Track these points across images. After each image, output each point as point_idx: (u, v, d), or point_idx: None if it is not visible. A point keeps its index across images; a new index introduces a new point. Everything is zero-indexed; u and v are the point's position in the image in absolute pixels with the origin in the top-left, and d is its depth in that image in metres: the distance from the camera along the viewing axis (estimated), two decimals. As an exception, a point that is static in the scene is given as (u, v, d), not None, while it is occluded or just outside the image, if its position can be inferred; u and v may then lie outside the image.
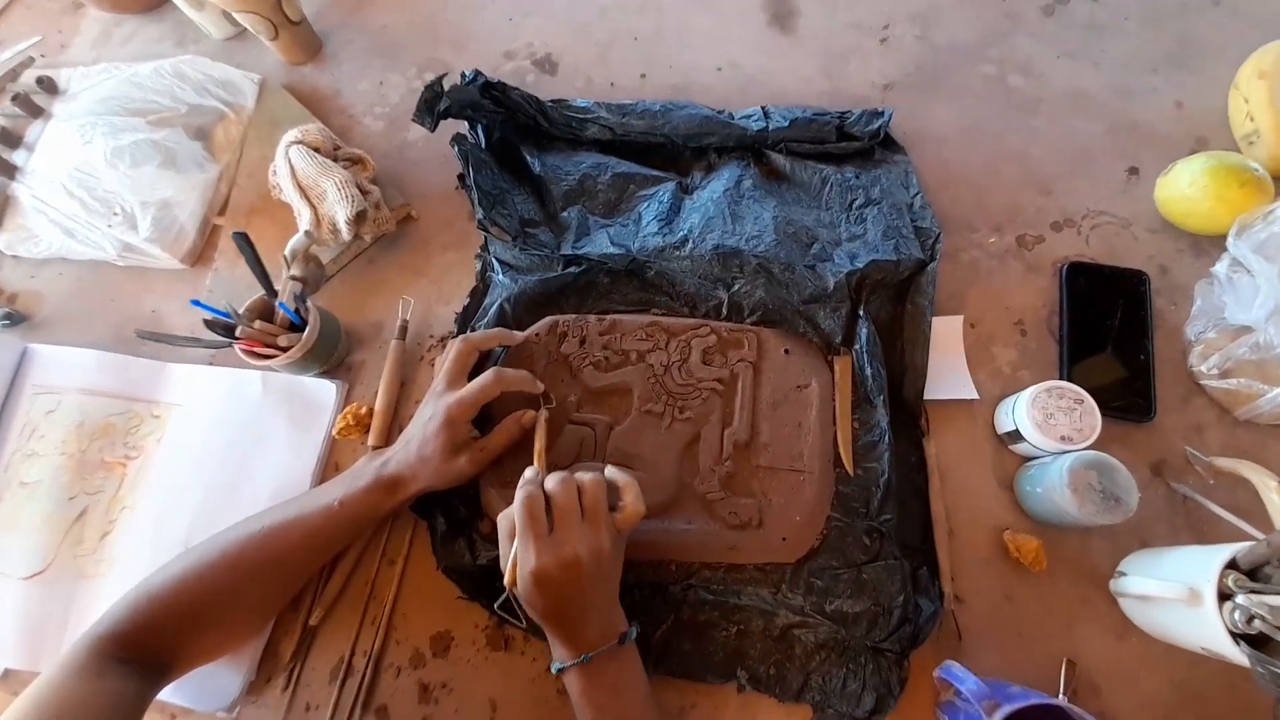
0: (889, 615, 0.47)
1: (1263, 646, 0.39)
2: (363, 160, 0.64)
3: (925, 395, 0.55)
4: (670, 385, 0.55)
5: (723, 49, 0.74)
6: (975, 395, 0.56)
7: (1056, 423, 0.49)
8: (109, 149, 0.65)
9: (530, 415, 0.52)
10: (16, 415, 0.60)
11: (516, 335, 0.56)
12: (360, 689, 0.50)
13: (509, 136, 0.66)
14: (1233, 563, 0.41)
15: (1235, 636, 0.39)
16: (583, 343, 0.57)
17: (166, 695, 0.47)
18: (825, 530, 0.51)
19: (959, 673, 0.43)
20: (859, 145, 0.65)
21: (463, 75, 0.63)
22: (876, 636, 0.47)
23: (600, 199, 0.64)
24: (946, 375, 0.57)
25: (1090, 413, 0.49)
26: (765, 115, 0.66)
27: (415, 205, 0.67)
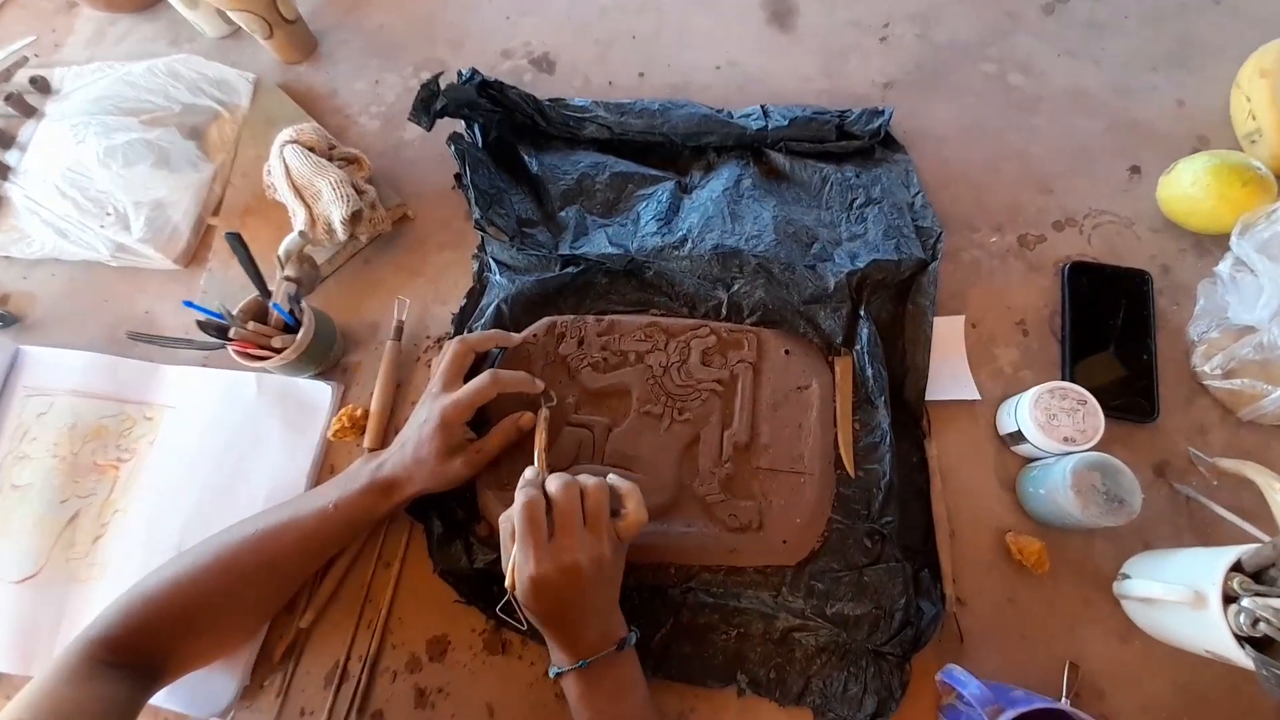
0: (890, 618, 0.47)
1: (1267, 649, 0.39)
2: (358, 160, 0.64)
3: (927, 396, 0.55)
4: (669, 386, 0.55)
5: (722, 48, 0.74)
6: (977, 396, 0.56)
7: (1059, 424, 0.49)
8: (102, 149, 0.64)
9: (528, 417, 0.51)
10: (8, 417, 0.59)
11: (514, 336, 0.55)
12: (355, 694, 0.50)
13: (506, 136, 0.65)
14: (1237, 565, 0.40)
15: (1240, 640, 0.39)
16: (581, 344, 0.56)
17: (160, 700, 0.46)
18: (826, 532, 0.50)
19: (961, 676, 0.43)
20: (859, 144, 0.65)
21: (459, 74, 0.63)
22: (878, 640, 0.47)
23: (598, 198, 0.64)
24: (948, 376, 0.56)
25: (1093, 414, 0.49)
26: (765, 114, 0.65)
27: (411, 205, 0.66)
